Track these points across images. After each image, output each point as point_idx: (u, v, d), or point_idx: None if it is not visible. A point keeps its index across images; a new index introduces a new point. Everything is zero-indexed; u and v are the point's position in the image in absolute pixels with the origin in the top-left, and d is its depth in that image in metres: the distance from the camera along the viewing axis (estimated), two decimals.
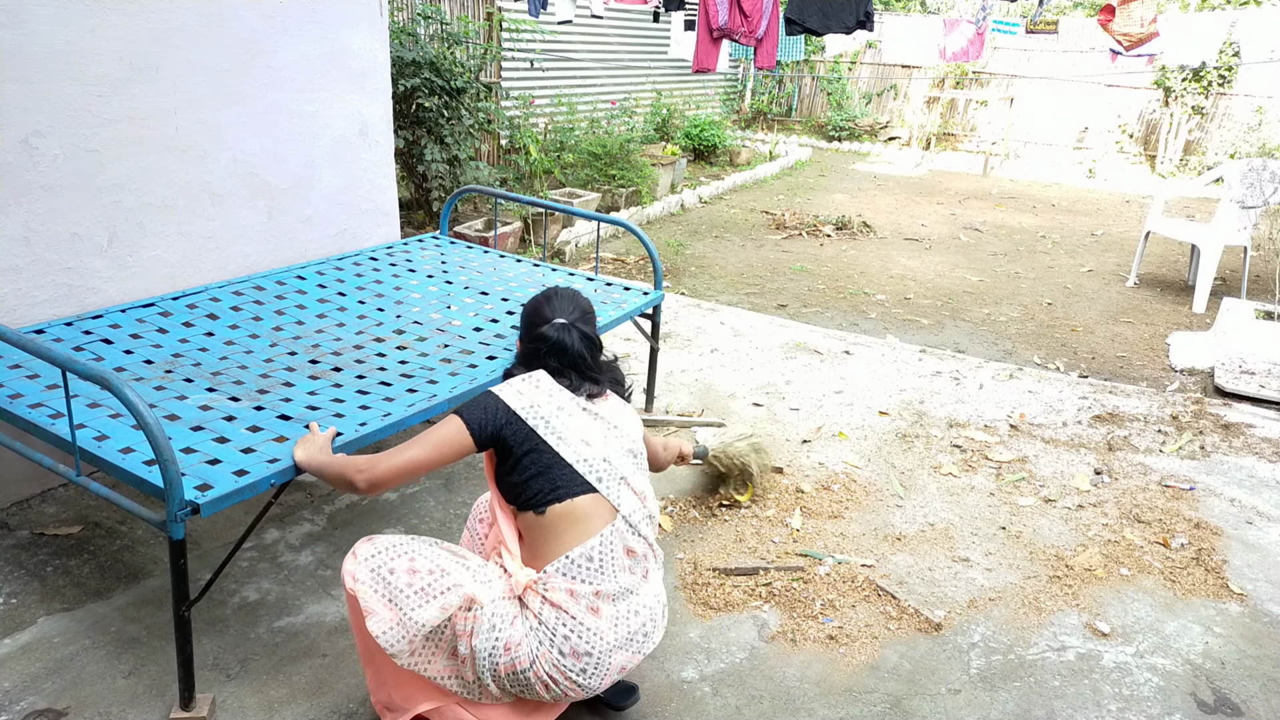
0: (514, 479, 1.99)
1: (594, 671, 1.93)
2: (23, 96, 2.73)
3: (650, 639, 2.03)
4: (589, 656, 1.92)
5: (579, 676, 1.92)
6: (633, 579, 2.01)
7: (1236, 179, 6.20)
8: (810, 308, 5.80)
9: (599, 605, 1.94)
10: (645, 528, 2.06)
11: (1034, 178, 11.88)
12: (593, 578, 1.94)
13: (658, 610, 2.06)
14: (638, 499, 2.06)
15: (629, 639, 1.97)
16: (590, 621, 1.92)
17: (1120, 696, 2.42)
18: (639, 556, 2.03)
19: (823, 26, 7.12)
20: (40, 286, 2.90)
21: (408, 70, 5.76)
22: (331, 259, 3.77)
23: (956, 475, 3.57)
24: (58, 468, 2.23)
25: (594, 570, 1.95)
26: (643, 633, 2.01)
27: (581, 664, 1.92)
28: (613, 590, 1.96)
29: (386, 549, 1.96)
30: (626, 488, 2.05)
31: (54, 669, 2.27)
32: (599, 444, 2.04)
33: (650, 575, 2.07)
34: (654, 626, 2.04)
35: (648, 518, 2.08)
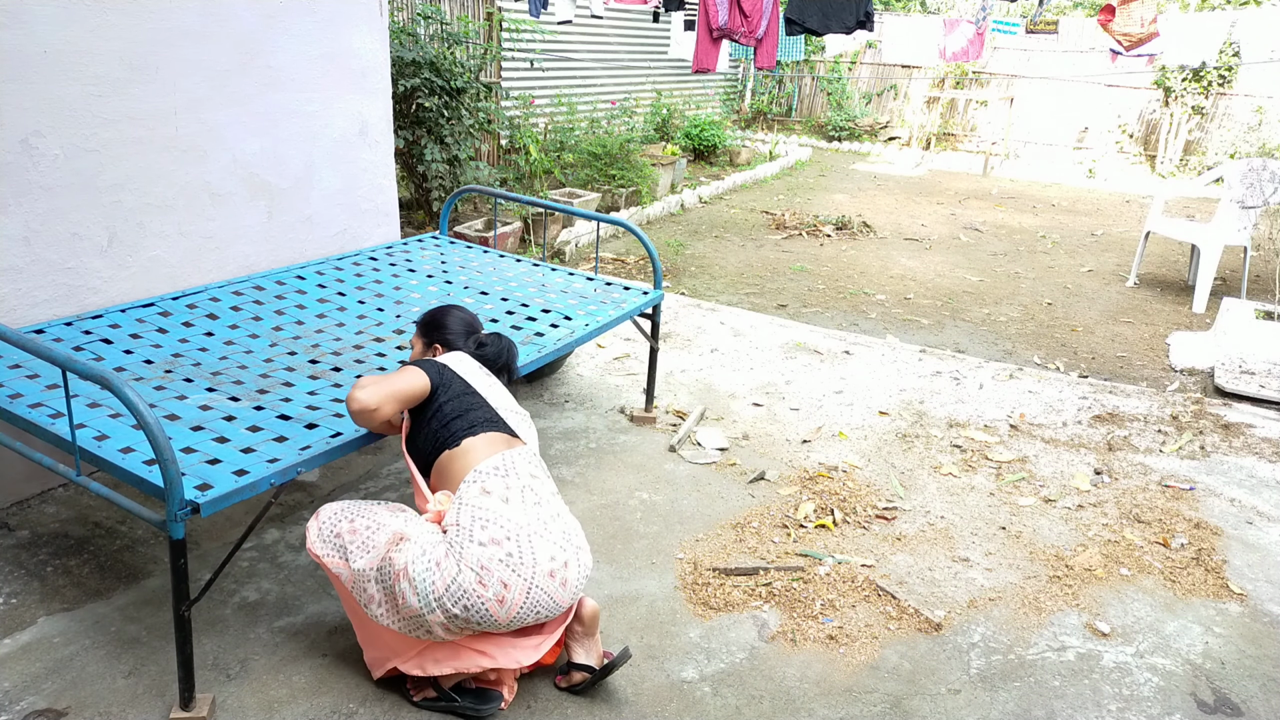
0: (434, 425, 2.25)
1: (520, 556, 2.04)
2: (23, 96, 2.73)
3: (581, 549, 2.18)
4: (509, 540, 2.05)
5: (508, 563, 2.03)
6: (539, 484, 2.21)
7: (1236, 179, 6.20)
8: (810, 308, 5.80)
9: (509, 496, 2.12)
10: (538, 460, 2.32)
11: (1034, 178, 11.88)
12: (503, 481, 2.14)
13: (565, 512, 2.23)
14: (532, 437, 2.38)
15: (546, 529, 2.11)
16: (501, 509, 2.09)
17: (1120, 696, 2.42)
18: (541, 478, 2.24)
19: (823, 26, 7.12)
20: (40, 286, 2.90)
21: (408, 70, 5.76)
22: (331, 259, 3.77)
23: (956, 475, 3.57)
24: (58, 468, 2.23)
25: (501, 476, 2.15)
26: (565, 535, 2.15)
27: (505, 549, 2.04)
28: (521, 487, 2.15)
29: (332, 514, 2.21)
30: (532, 431, 2.39)
31: (54, 669, 2.27)
32: (502, 396, 2.41)
33: (557, 495, 2.26)
34: (579, 539, 2.20)
35: (537, 452, 2.35)
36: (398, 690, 2.27)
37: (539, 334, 3.20)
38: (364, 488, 3.22)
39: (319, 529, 2.20)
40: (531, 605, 2.06)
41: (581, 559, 2.19)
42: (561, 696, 2.28)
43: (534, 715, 2.23)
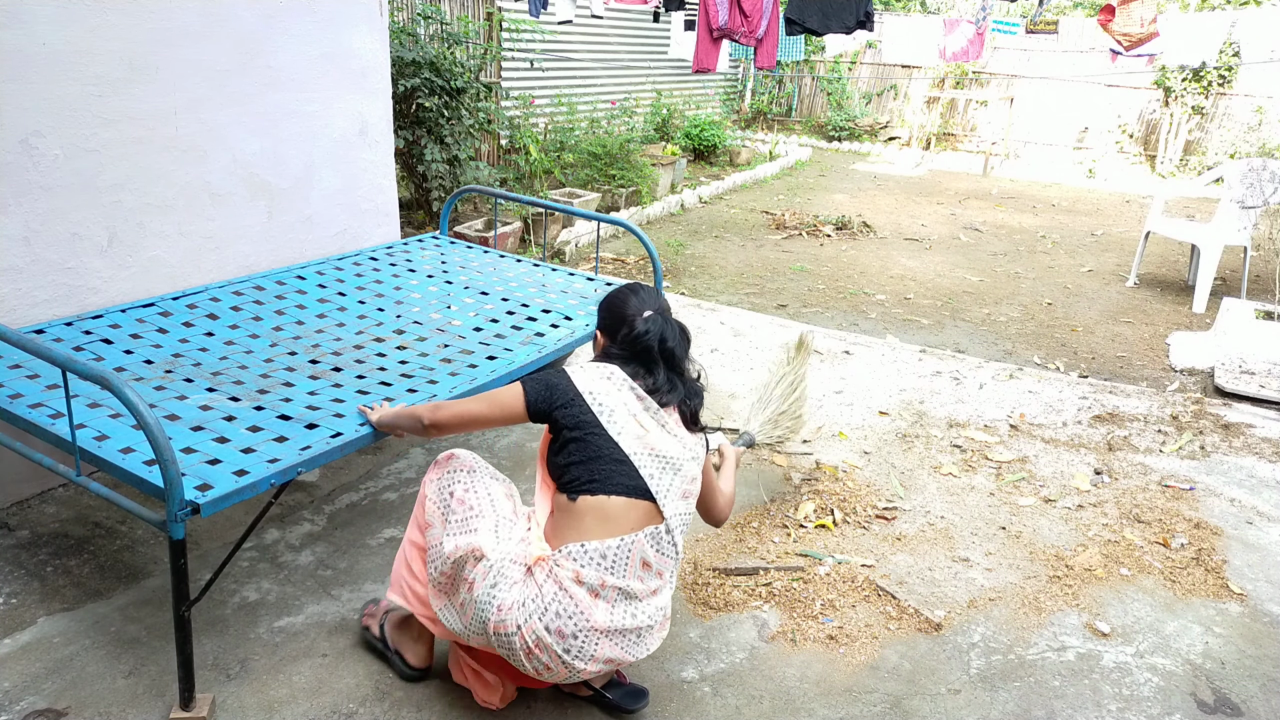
0: (559, 460, 2.02)
1: (578, 653, 1.93)
2: (23, 96, 2.73)
3: (644, 643, 2.02)
4: (574, 639, 1.92)
5: (563, 655, 1.93)
6: (642, 588, 1.99)
7: (1236, 179, 6.20)
8: (810, 308, 5.80)
9: (599, 593, 1.94)
10: (672, 543, 2.04)
11: (1034, 178, 11.88)
12: (602, 574, 1.94)
13: (657, 619, 2.04)
14: (681, 509, 2.05)
15: (620, 632, 1.96)
16: (586, 605, 1.92)
17: (1120, 696, 2.42)
18: (653, 572, 2.01)
19: (823, 26, 7.12)
20: (40, 286, 2.90)
21: (408, 70, 5.76)
22: (331, 259, 3.77)
23: (956, 475, 3.57)
24: (58, 468, 2.23)
25: (605, 568, 1.94)
26: (636, 633, 2.00)
27: (565, 644, 1.92)
28: (616, 586, 1.95)
29: (454, 470, 2.13)
30: (677, 495, 2.03)
31: (54, 669, 2.27)
32: (661, 448, 2.01)
33: (660, 593, 2.05)
34: (650, 633, 2.03)
35: (681, 529, 2.07)
36: (401, 688, 2.27)
37: (539, 334, 3.20)
38: (364, 487, 3.23)
39: (438, 481, 2.11)
40: (568, 678, 2.01)
41: (636, 652, 2.01)
42: (562, 697, 2.28)
43: (534, 715, 2.23)
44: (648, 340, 2.07)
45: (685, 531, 2.11)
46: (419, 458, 3.45)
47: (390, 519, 3.04)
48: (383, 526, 2.99)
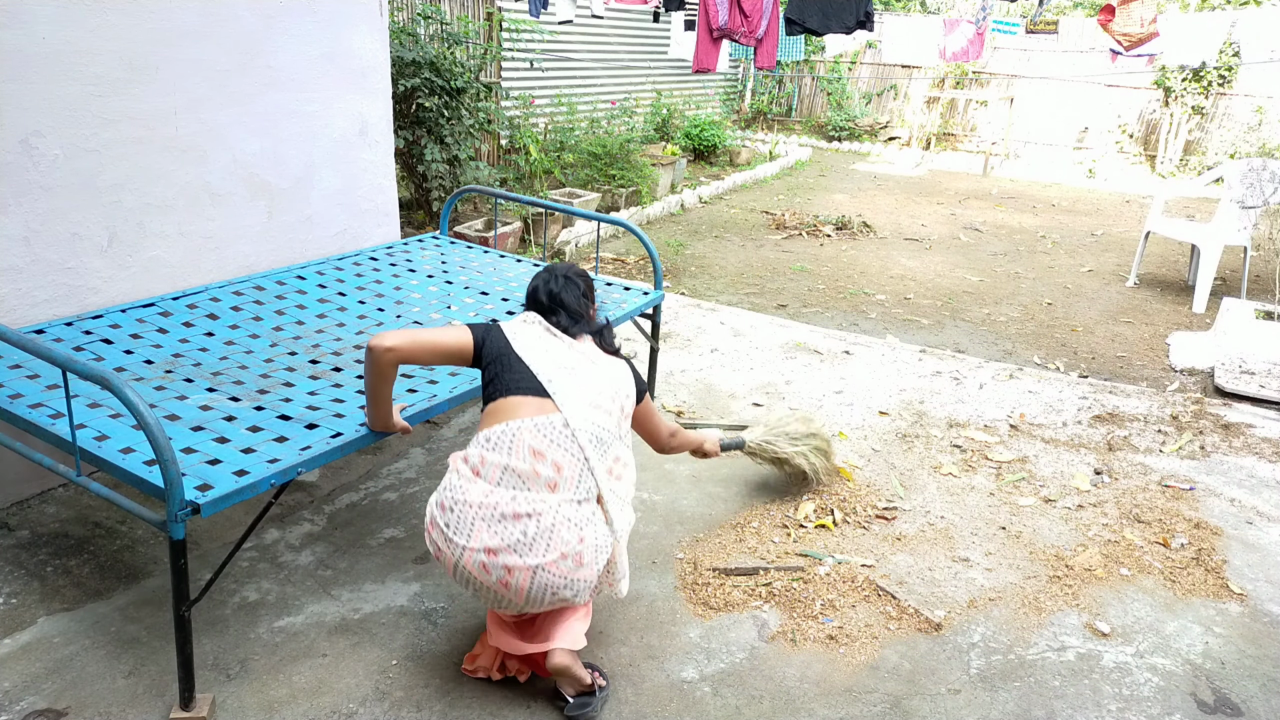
0: (487, 391, 2.25)
1: (457, 527, 2.07)
2: (23, 96, 2.73)
3: (534, 548, 2.03)
4: (452, 511, 2.08)
5: (445, 529, 2.09)
6: (526, 468, 2.08)
7: (1236, 179, 6.20)
8: (810, 308, 5.80)
9: (480, 471, 2.11)
10: (571, 438, 2.14)
11: (1034, 178, 11.88)
12: (483, 452, 2.12)
13: (556, 523, 2.06)
14: (591, 417, 2.18)
15: (498, 517, 2.05)
16: (466, 482, 2.10)
17: (1120, 696, 2.42)
18: (547, 461, 2.09)
19: (823, 26, 7.12)
20: (40, 286, 2.90)
21: (408, 70, 5.76)
22: (331, 259, 3.77)
23: (956, 475, 3.57)
24: (58, 468, 2.23)
25: (488, 447, 2.12)
26: (521, 528, 2.04)
27: (445, 517, 2.10)
28: (498, 463, 2.09)
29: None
30: (581, 401, 2.19)
31: (54, 669, 2.27)
32: (565, 362, 2.26)
33: (559, 490, 2.10)
34: (543, 538, 2.04)
35: (592, 438, 2.16)
36: (401, 688, 2.27)
37: None
38: (364, 488, 3.23)
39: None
40: (462, 580, 2.11)
41: (544, 576, 2.04)
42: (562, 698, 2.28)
43: (534, 716, 2.23)
44: (535, 293, 2.43)
45: (603, 443, 2.19)
46: (419, 458, 3.45)
47: (390, 519, 3.04)
48: (383, 526, 2.99)
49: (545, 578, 2.06)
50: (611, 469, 2.23)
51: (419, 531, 2.97)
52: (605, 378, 2.29)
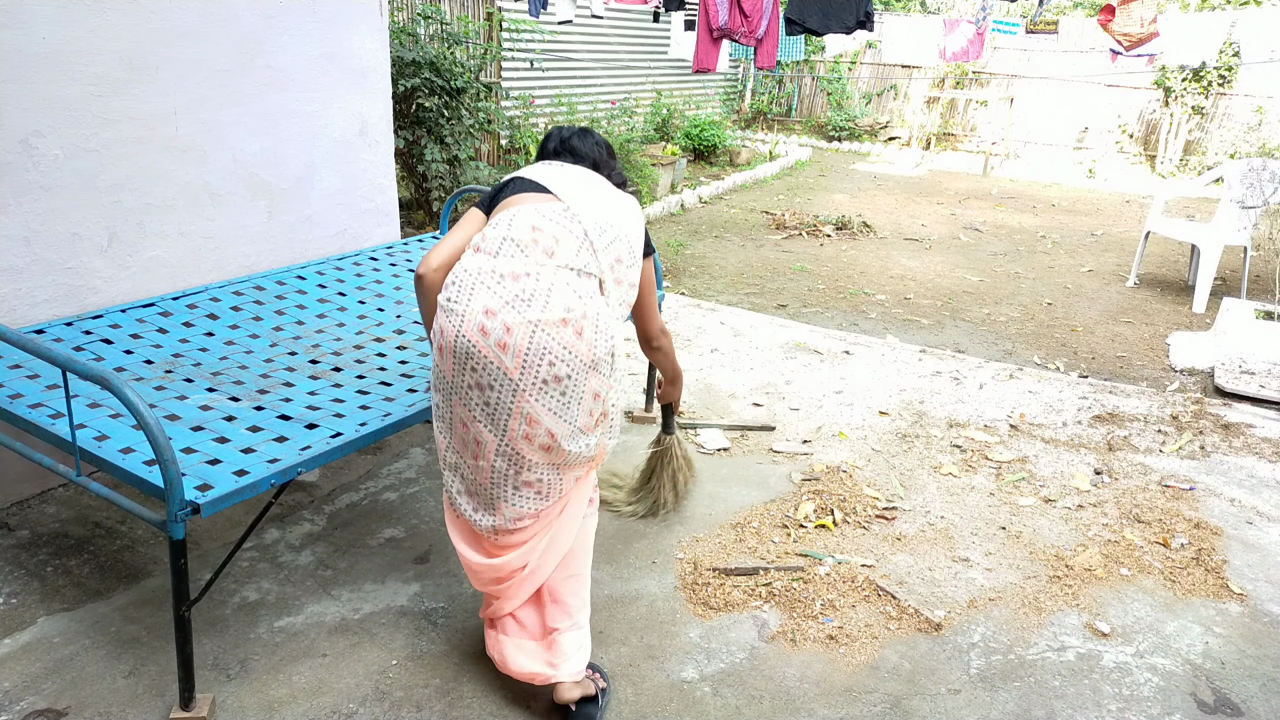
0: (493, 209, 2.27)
1: (457, 296, 2.05)
2: (23, 96, 2.74)
3: (533, 303, 2.02)
4: (453, 285, 2.07)
5: (447, 304, 2.06)
6: (527, 238, 2.11)
7: (1236, 179, 6.20)
8: (810, 308, 5.80)
9: (480, 246, 2.13)
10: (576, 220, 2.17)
11: (1034, 178, 11.88)
12: (488, 232, 2.15)
13: (555, 284, 2.06)
14: (595, 213, 2.20)
15: (498, 278, 2.05)
16: (466, 258, 2.12)
17: (1120, 696, 2.42)
18: (546, 234, 2.12)
19: (823, 26, 7.12)
20: (40, 286, 2.90)
21: (408, 70, 5.76)
22: (331, 259, 3.77)
23: (956, 475, 3.57)
24: (58, 468, 2.23)
25: (491, 226, 2.17)
26: (521, 288, 2.04)
27: (447, 293, 2.07)
28: (501, 236, 2.12)
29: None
30: (586, 200, 2.22)
31: (54, 669, 2.27)
32: (574, 176, 2.31)
33: (556, 257, 2.10)
34: (540, 295, 2.03)
35: (598, 226, 2.18)
36: (401, 688, 2.27)
37: None
38: (364, 487, 3.23)
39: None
40: (461, 358, 2.03)
41: (542, 336, 2.00)
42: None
43: (534, 716, 2.23)
44: (546, 141, 2.52)
45: (606, 236, 2.18)
46: (419, 458, 3.45)
47: (390, 519, 3.04)
48: (383, 526, 2.99)
49: (543, 339, 2.00)
50: (614, 266, 2.19)
51: (419, 531, 2.97)
52: (616, 203, 2.30)
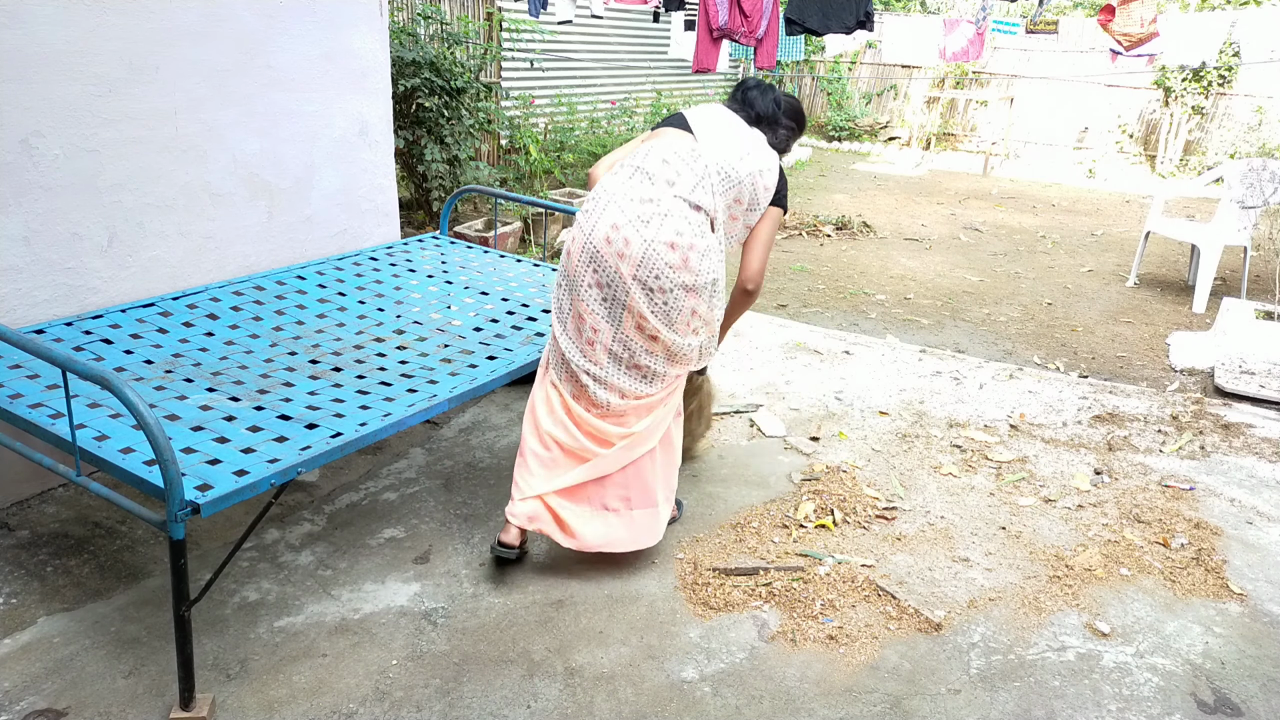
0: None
1: (591, 209, 2.52)
2: (23, 96, 2.74)
3: (650, 225, 2.44)
4: (592, 199, 2.55)
5: (583, 218, 2.54)
6: (658, 171, 2.52)
7: (1236, 179, 6.20)
8: (810, 308, 5.80)
9: (618, 171, 2.58)
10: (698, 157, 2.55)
11: (1034, 178, 11.88)
12: (625, 160, 2.60)
13: (670, 210, 2.46)
14: (725, 157, 2.56)
15: (628, 200, 2.47)
16: (607, 177, 2.59)
17: (1120, 696, 2.42)
18: (671, 168, 2.51)
19: (823, 26, 7.12)
20: (40, 286, 2.90)
21: (408, 70, 5.76)
22: (331, 259, 3.77)
23: (956, 475, 3.57)
24: (58, 468, 2.23)
25: (632, 157, 2.59)
26: (641, 211, 2.45)
27: (587, 205, 2.54)
28: (632, 166, 2.55)
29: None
30: (721, 144, 2.58)
31: (54, 669, 2.27)
32: (722, 121, 2.66)
33: (676, 187, 2.49)
34: (656, 219, 2.45)
35: (721, 173, 2.55)
36: (401, 688, 2.27)
37: (539, 334, 3.20)
38: (364, 487, 3.23)
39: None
40: (586, 259, 2.49)
41: (653, 253, 2.42)
42: (562, 696, 2.29)
43: (534, 716, 2.23)
44: (736, 87, 2.83)
45: (729, 180, 2.55)
46: (419, 458, 3.45)
47: (390, 519, 3.04)
48: (383, 526, 2.99)
49: (653, 256, 2.43)
50: (730, 206, 2.56)
51: (419, 531, 2.97)
52: (749, 151, 2.57)
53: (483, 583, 2.73)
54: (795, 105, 2.81)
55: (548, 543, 2.94)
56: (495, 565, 2.79)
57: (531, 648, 2.47)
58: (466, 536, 2.96)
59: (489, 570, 2.79)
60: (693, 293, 2.48)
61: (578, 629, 2.56)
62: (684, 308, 2.49)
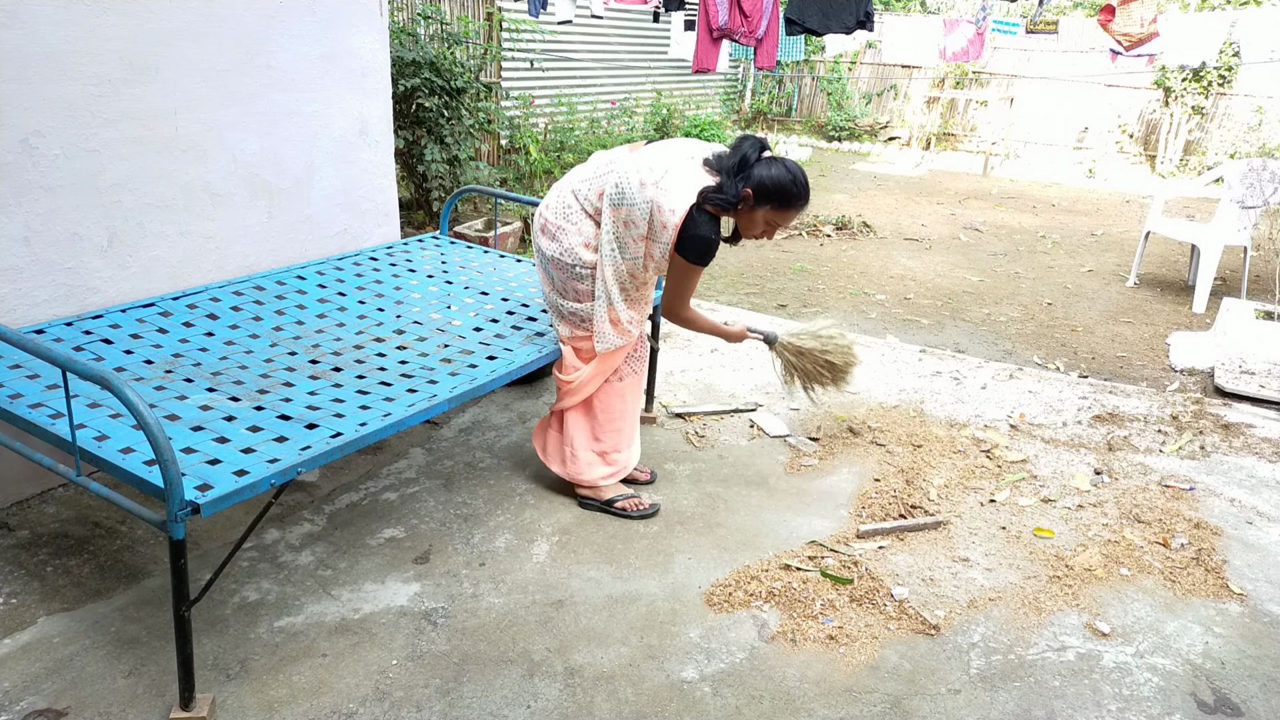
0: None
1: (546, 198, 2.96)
2: (23, 96, 2.73)
3: (549, 205, 2.93)
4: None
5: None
6: (586, 168, 2.91)
7: (1236, 179, 6.20)
8: (810, 308, 5.80)
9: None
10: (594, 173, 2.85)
11: (1034, 178, 11.88)
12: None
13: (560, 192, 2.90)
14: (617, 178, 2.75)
15: (556, 188, 2.96)
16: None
17: (1120, 696, 2.42)
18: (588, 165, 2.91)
19: (823, 26, 7.12)
20: (40, 286, 2.90)
21: (408, 70, 5.76)
22: (331, 259, 3.77)
23: (957, 475, 3.57)
24: (58, 468, 2.23)
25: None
26: (557, 192, 2.93)
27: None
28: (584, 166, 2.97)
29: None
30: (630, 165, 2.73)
31: (54, 669, 2.27)
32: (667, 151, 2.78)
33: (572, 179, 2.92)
34: (553, 199, 2.91)
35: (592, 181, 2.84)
36: (401, 688, 2.27)
37: (539, 334, 3.20)
38: (364, 488, 3.23)
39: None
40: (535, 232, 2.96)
41: (538, 220, 2.95)
42: (562, 696, 2.29)
43: (534, 716, 2.23)
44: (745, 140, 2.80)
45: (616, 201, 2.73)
46: (419, 458, 3.45)
47: (390, 519, 3.04)
48: (383, 526, 2.99)
49: (536, 222, 2.95)
50: (625, 225, 2.71)
51: (419, 531, 2.97)
52: (675, 188, 2.63)
53: (483, 583, 2.73)
54: (777, 181, 2.65)
55: (548, 542, 2.95)
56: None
57: (531, 648, 2.47)
58: (466, 536, 2.96)
59: (489, 570, 2.79)
60: (556, 265, 2.86)
61: (578, 629, 2.56)
62: (554, 274, 2.89)
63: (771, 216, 2.72)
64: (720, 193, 2.64)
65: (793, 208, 2.70)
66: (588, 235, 2.82)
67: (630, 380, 3.09)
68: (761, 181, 2.64)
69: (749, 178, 2.64)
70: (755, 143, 2.68)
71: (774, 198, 2.66)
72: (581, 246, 2.82)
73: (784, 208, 2.69)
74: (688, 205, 2.62)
